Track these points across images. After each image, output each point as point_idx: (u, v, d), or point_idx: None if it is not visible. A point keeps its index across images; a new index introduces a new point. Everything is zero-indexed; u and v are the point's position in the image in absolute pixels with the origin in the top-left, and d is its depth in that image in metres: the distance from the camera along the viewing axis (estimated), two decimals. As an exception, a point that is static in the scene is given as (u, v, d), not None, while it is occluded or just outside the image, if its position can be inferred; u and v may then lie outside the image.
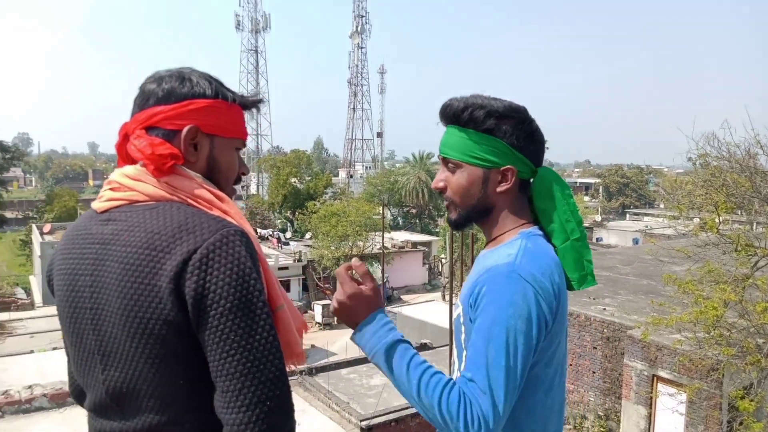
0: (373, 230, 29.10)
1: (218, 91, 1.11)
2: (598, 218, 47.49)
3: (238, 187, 1.25)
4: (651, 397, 10.39)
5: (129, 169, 1.09)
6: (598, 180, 72.15)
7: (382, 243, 25.70)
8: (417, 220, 45.50)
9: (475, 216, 1.27)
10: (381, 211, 29.49)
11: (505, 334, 1.08)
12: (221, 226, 0.98)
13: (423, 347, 15.91)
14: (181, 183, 1.06)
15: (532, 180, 1.28)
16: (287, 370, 1.02)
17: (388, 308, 22.96)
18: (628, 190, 63.40)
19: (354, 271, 1.22)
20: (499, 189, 1.24)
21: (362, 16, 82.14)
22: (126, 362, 0.99)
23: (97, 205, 1.10)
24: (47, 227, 32.43)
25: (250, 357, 0.93)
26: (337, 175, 71.49)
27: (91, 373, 1.05)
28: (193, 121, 1.08)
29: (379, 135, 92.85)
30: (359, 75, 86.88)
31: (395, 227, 42.70)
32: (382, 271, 25.13)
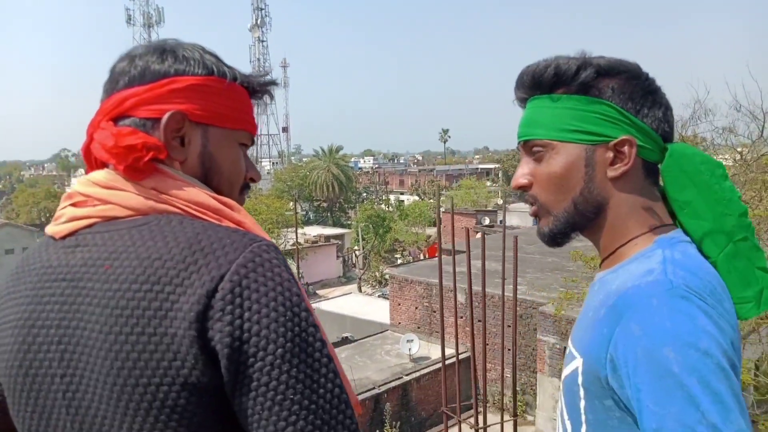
0: (285, 226, 28.65)
1: (213, 66, 0.83)
2: (500, 201, 49.82)
3: None
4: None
5: (98, 175, 0.80)
6: (497, 165, 75.39)
7: (296, 239, 25.35)
8: (329, 214, 45.34)
9: (580, 219, 0.87)
10: (293, 207, 29.06)
11: (715, 384, 0.65)
12: (248, 240, 0.71)
13: (344, 341, 15.91)
14: (171, 187, 0.77)
15: (660, 164, 0.87)
16: None
17: (306, 304, 22.58)
18: (526, 174, 66.52)
19: None
20: (612, 173, 0.84)
21: (261, 9, 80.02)
22: None
23: (54, 228, 0.80)
24: None
25: (317, 421, 0.66)
26: (242, 172, 69.23)
27: None
28: (178, 106, 0.79)
29: (285, 130, 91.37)
30: (261, 69, 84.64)
31: (307, 222, 42.27)
32: (297, 267, 24.82)
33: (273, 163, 78.44)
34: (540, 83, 0.88)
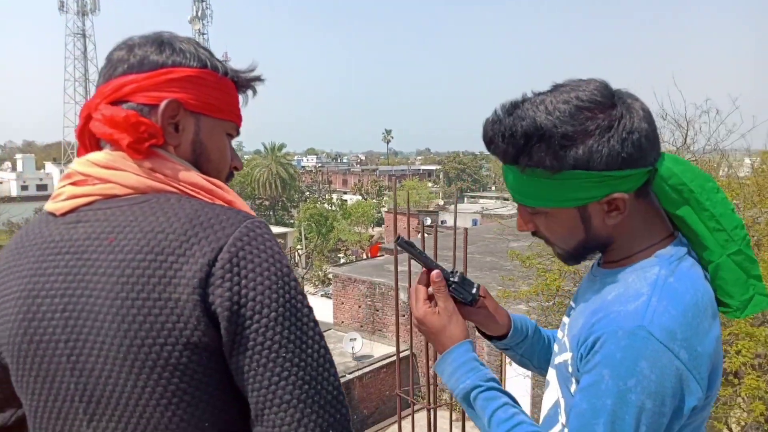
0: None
1: (207, 60, 0.90)
2: (441, 202, 50.67)
3: None
4: (501, 366, 11.41)
5: (98, 155, 0.85)
6: (438, 167, 76.52)
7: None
8: (271, 212, 44.73)
9: (591, 251, 0.95)
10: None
11: (622, 413, 0.79)
12: (242, 217, 0.80)
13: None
14: (168, 169, 0.84)
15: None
16: None
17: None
18: (464, 175, 67.73)
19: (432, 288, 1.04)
20: (611, 221, 0.89)
21: (202, 1, 77.80)
22: (128, 409, 0.76)
23: (54, 205, 0.85)
24: None
25: (306, 377, 0.76)
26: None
27: (69, 430, 0.81)
28: (174, 94, 0.85)
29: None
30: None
31: (247, 220, 41.40)
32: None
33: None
34: (503, 155, 0.89)
